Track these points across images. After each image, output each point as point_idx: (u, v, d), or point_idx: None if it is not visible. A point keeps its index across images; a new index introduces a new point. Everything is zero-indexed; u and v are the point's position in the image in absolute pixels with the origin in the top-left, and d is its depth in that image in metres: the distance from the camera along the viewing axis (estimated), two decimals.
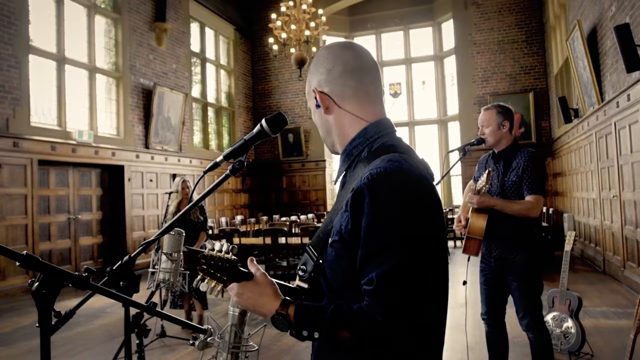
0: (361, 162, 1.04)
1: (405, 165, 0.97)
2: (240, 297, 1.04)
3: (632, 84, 5.28)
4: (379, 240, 0.92)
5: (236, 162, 1.21)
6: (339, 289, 1.02)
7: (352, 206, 0.96)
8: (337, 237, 1.00)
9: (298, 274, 1.10)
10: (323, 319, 0.95)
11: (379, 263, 0.91)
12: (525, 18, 11.30)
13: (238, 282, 1.03)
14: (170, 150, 9.93)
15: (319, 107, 1.13)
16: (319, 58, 1.16)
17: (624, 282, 6.19)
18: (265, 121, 1.17)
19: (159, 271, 1.57)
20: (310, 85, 1.15)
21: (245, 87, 13.33)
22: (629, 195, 5.80)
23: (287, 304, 1.00)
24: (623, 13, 5.63)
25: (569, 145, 9.15)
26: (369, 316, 0.92)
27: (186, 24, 10.82)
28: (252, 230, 9.57)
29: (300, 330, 0.97)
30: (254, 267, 1.07)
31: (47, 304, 0.91)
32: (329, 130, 1.15)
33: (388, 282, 0.90)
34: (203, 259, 0.98)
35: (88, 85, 8.35)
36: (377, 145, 1.06)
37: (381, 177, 0.94)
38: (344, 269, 0.99)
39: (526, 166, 2.82)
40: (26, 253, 0.90)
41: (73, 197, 8.00)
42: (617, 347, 3.99)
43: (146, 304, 1.15)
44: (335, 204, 1.08)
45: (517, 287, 2.88)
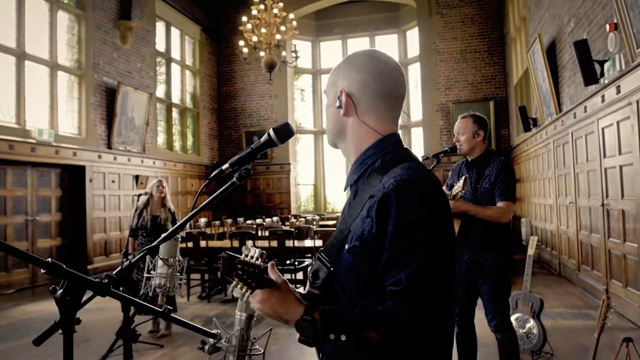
0: (375, 172, 1.10)
1: (425, 174, 1.05)
2: (264, 304, 1.05)
3: (589, 96, 5.56)
4: (405, 242, 0.97)
5: (243, 170, 1.23)
6: (357, 293, 1.06)
7: (377, 212, 1.00)
8: (357, 242, 1.04)
9: (309, 281, 1.14)
10: (350, 321, 0.98)
11: (406, 264, 0.96)
12: (487, 29, 11.69)
13: (262, 288, 1.04)
14: (133, 150, 9.72)
15: (339, 107, 1.17)
16: (359, 64, 1.18)
17: (579, 285, 6.50)
18: (273, 130, 1.21)
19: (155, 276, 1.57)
20: (339, 82, 1.19)
21: (211, 88, 13.20)
22: (585, 202, 6.10)
23: (311, 310, 1.02)
24: (581, 29, 5.93)
25: (527, 152, 9.52)
26: (396, 316, 0.96)
27: (152, 22, 10.63)
28: (217, 232, 9.49)
29: (327, 334, 0.99)
30: (275, 273, 1.09)
31: (71, 311, 0.91)
32: (341, 131, 1.19)
33: (417, 282, 0.95)
34: (239, 264, 0.99)
35: (49, 82, 8.09)
36: (390, 156, 1.11)
37: (406, 184, 1.00)
38: (363, 273, 1.04)
39: (498, 174, 2.95)
40: (52, 260, 0.90)
41: (31, 198, 7.72)
42: (575, 346, 4.19)
43: (161, 310, 1.16)
44: (348, 212, 1.12)
45: (487, 290, 3.00)
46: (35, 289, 7.45)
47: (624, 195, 4.85)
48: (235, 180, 1.23)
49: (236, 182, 1.23)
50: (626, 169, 4.78)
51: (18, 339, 4.82)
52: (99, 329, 4.93)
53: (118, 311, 4.96)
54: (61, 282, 0.95)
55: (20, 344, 4.67)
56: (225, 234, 9.32)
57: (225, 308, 6.07)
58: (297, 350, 4.31)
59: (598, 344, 2.47)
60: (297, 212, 13.16)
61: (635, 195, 4.52)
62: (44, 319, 5.59)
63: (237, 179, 1.22)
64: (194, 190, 12.19)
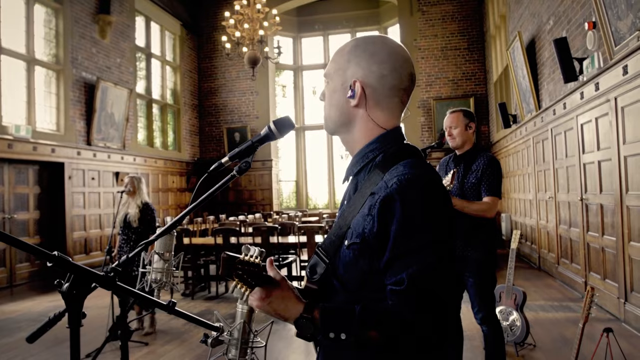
0: (377, 167, 1.08)
1: (427, 171, 1.04)
2: (263, 302, 1.04)
3: (568, 93, 5.67)
4: (409, 242, 0.96)
5: (242, 163, 1.22)
6: (354, 289, 1.05)
7: (379, 211, 0.99)
8: (357, 240, 1.03)
9: (307, 276, 1.13)
10: (351, 320, 0.98)
11: (408, 264, 0.96)
12: (467, 26, 11.82)
13: (262, 286, 1.03)
14: (113, 147, 9.57)
15: (351, 97, 1.12)
16: (376, 53, 1.12)
17: (558, 278, 6.65)
18: (273, 123, 1.20)
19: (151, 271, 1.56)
20: (351, 70, 1.13)
21: (191, 84, 13.07)
22: (564, 197, 6.23)
23: (311, 307, 1.02)
24: (560, 27, 6.04)
25: (507, 149, 9.66)
26: (398, 316, 0.96)
27: (131, 17, 10.47)
28: (199, 229, 9.42)
29: (327, 332, 0.99)
30: (274, 270, 1.08)
31: (77, 305, 0.90)
32: (348, 122, 1.16)
33: (419, 281, 0.95)
34: (240, 264, 0.98)
35: (26, 77, 7.91)
36: (391, 151, 1.10)
37: (410, 183, 0.99)
38: (362, 269, 1.03)
39: (485, 169, 2.99)
40: (57, 254, 0.89)
41: (8, 196, 7.55)
42: (556, 337, 4.29)
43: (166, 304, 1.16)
44: (347, 207, 1.11)
45: (472, 283, 3.05)
46: (14, 289, 7.29)
47: (602, 190, 4.97)
48: (235, 173, 1.21)
49: (236, 175, 1.22)
50: (604, 164, 4.90)
51: None
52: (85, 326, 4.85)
53: (101, 309, 4.88)
54: (67, 276, 0.94)
55: (2, 345, 4.57)
56: (207, 231, 9.27)
57: (210, 305, 6.04)
58: (284, 344, 4.32)
59: (583, 334, 2.53)
60: (279, 209, 13.15)
61: (613, 190, 4.64)
62: (24, 319, 5.49)
63: (237, 172, 1.21)
64: (175, 187, 12.07)
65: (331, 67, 1.18)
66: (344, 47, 1.18)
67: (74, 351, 0.88)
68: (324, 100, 1.22)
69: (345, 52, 1.16)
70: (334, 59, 1.18)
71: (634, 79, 4.10)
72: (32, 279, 7.78)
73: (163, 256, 1.56)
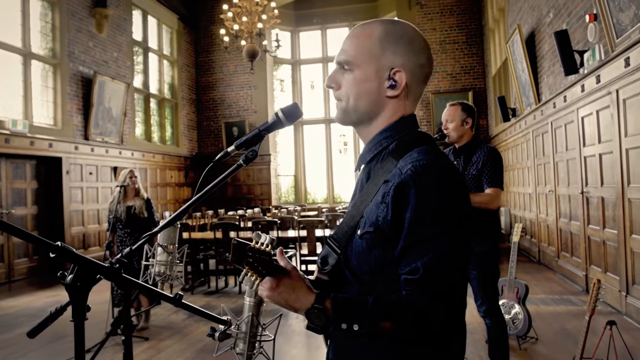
0: (390, 155, 1.05)
1: (443, 158, 1.01)
2: (273, 292, 1.01)
3: (569, 86, 5.65)
4: (425, 230, 0.94)
5: (249, 152, 1.19)
6: (369, 280, 1.03)
7: (394, 198, 0.96)
8: (371, 229, 1.00)
9: (318, 267, 1.10)
10: (364, 311, 0.95)
11: (424, 252, 0.93)
12: (466, 20, 11.77)
13: (272, 275, 1.01)
14: (111, 142, 9.52)
15: (392, 88, 1.07)
16: (413, 41, 1.08)
17: (558, 271, 6.64)
18: (281, 111, 1.16)
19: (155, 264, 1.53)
20: (386, 57, 1.07)
21: (189, 78, 13.00)
22: (564, 190, 6.22)
23: (323, 298, 0.99)
24: (560, 20, 6.00)
25: (506, 142, 9.64)
26: (412, 306, 0.93)
27: (128, 11, 10.38)
28: (198, 224, 9.39)
29: (340, 323, 0.96)
30: (284, 260, 1.05)
31: (82, 297, 0.87)
32: (377, 112, 1.10)
33: (434, 271, 0.93)
34: (250, 252, 0.95)
35: (22, 71, 7.84)
36: (406, 138, 1.07)
37: (425, 170, 0.96)
38: (376, 259, 1.00)
39: (486, 161, 2.97)
40: (61, 244, 0.86)
41: (5, 191, 7.50)
42: (558, 330, 4.29)
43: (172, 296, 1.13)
44: (360, 195, 1.07)
45: (476, 276, 3.04)
46: (12, 284, 7.26)
47: (604, 182, 4.96)
48: (241, 162, 1.18)
49: (243, 164, 1.18)
50: (606, 157, 4.88)
51: None
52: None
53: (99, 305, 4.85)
54: (71, 267, 0.91)
55: (1, 340, 4.55)
56: (206, 226, 9.24)
57: (209, 300, 6.02)
58: (284, 339, 4.30)
59: (589, 326, 2.51)
60: (278, 203, 13.12)
61: (614, 183, 4.62)
62: (22, 314, 5.46)
63: (243, 161, 1.18)
64: (174, 182, 12.03)
65: (356, 53, 1.08)
66: (369, 30, 1.09)
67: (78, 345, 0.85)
68: (333, 88, 1.13)
69: (375, 37, 1.08)
70: (357, 44, 1.09)
71: (637, 71, 4.08)
72: (30, 275, 7.74)
73: (166, 249, 1.53)
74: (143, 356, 4.07)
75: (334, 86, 1.13)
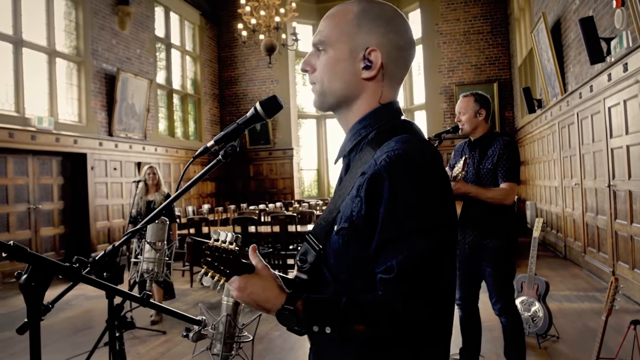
0: (368, 145, 0.99)
1: (422, 147, 0.93)
2: (242, 292, 0.96)
3: (595, 75, 5.44)
4: (399, 226, 0.87)
5: (228, 147, 1.14)
6: (347, 278, 0.97)
7: (367, 191, 0.90)
8: (346, 224, 0.94)
9: (297, 265, 1.04)
10: (336, 312, 0.89)
11: (399, 250, 0.87)
12: (490, 9, 11.48)
13: (239, 275, 0.96)
14: (134, 137, 9.66)
15: (367, 69, 1.00)
16: (389, 19, 1.02)
17: (585, 267, 6.44)
18: (259, 104, 1.11)
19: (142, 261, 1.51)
20: (361, 36, 1.01)
21: (212, 74, 13.08)
22: (590, 183, 6.01)
23: (294, 298, 0.94)
24: (586, 6, 5.78)
25: (532, 134, 9.39)
26: (387, 307, 0.87)
27: (150, 7, 10.49)
28: (220, 219, 9.47)
29: (310, 326, 0.90)
30: (256, 258, 1.00)
31: (36, 297, 0.85)
32: (353, 96, 1.03)
33: (409, 270, 0.86)
34: (207, 250, 0.91)
35: (47, 69, 8.00)
36: (386, 127, 1.00)
37: (400, 160, 0.89)
38: (353, 257, 0.94)
39: (501, 154, 2.86)
40: (13, 243, 0.83)
41: (33, 186, 7.69)
42: (581, 329, 4.14)
43: (140, 296, 1.10)
44: (338, 190, 1.02)
45: (490, 273, 2.94)
46: None
47: (632, 175, 4.76)
48: (220, 158, 1.14)
49: (222, 159, 1.14)
50: (633, 148, 4.68)
51: None
52: (104, 316, 4.91)
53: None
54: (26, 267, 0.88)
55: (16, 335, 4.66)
56: (228, 220, 9.30)
57: None
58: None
59: (606, 327, 2.40)
60: (301, 197, 13.12)
61: None
62: None
63: (222, 156, 1.14)
64: None
65: (330, 33, 1.02)
66: (346, 9, 1.03)
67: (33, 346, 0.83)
68: (308, 71, 1.07)
69: (350, 15, 1.02)
70: (333, 24, 1.03)
71: None
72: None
73: (155, 246, 1.51)
74: (159, 349, 4.11)
75: (308, 69, 1.07)
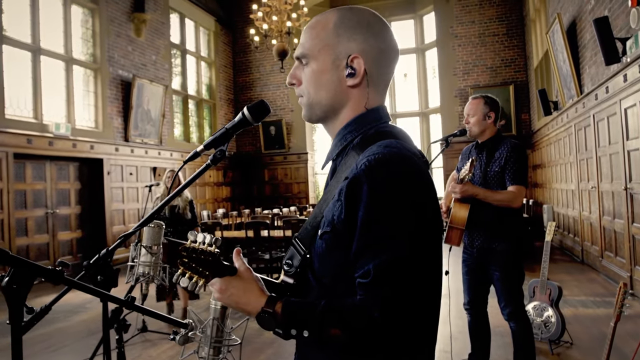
0: (353, 150, 0.99)
1: (404, 152, 0.93)
2: (223, 294, 0.97)
3: (611, 76, 5.34)
4: (377, 230, 0.87)
5: (217, 152, 1.15)
6: (330, 283, 0.96)
7: (347, 195, 0.90)
8: (328, 228, 0.94)
9: (283, 269, 1.04)
10: (313, 315, 0.89)
11: (376, 255, 0.86)
12: (506, 11, 11.37)
13: (221, 277, 0.97)
14: (150, 143, 9.78)
15: (350, 76, 1.01)
16: (371, 25, 1.03)
17: (602, 272, 6.31)
18: (247, 109, 1.12)
19: (138, 265, 1.53)
20: (343, 44, 1.01)
21: (227, 79, 13.19)
22: (607, 187, 5.89)
23: (273, 301, 0.94)
24: (602, 6, 5.69)
25: (548, 137, 9.26)
26: (364, 311, 0.86)
27: (165, 14, 10.63)
28: (234, 223, 9.52)
29: (288, 329, 0.91)
30: (239, 261, 1.01)
31: (18, 300, 0.86)
32: (340, 104, 1.04)
33: (386, 274, 0.85)
34: (184, 251, 0.92)
35: (65, 76, 8.16)
36: (371, 132, 1.00)
37: (380, 164, 0.88)
38: (336, 261, 0.94)
39: (509, 157, 2.83)
40: None
41: (50, 191, 7.83)
42: (596, 335, 4.05)
43: (124, 299, 1.11)
44: (324, 194, 1.02)
45: (499, 277, 2.90)
46: None
47: None
48: (209, 162, 1.15)
49: (211, 164, 1.15)
50: None
51: (36, 330, 4.87)
52: None
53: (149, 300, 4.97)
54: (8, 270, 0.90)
55: (38, 334, 4.74)
56: (242, 224, 9.34)
57: None
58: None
59: (614, 333, 2.35)
60: (315, 202, 13.12)
61: None
62: (62, 310, 5.66)
63: (211, 160, 1.15)
64: (212, 181, 12.24)
65: (312, 45, 1.03)
66: (325, 20, 1.04)
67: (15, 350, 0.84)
68: (294, 85, 1.09)
69: (330, 25, 1.03)
70: (313, 35, 1.04)
71: None
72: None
73: (150, 249, 1.53)
74: (170, 352, 4.15)
75: (295, 82, 1.08)
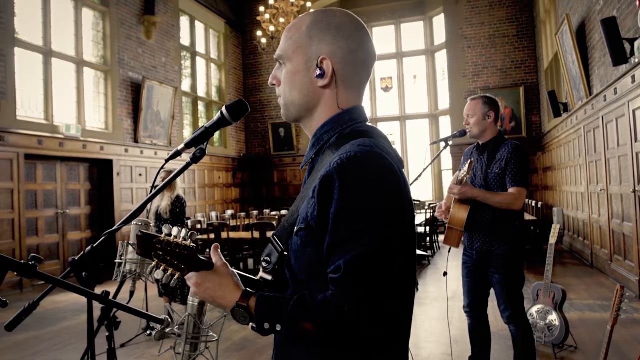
0: (329, 149, 1.01)
1: (377, 150, 0.94)
2: (199, 288, 0.99)
3: (619, 77, 5.28)
4: (348, 226, 0.88)
5: (197, 150, 1.19)
6: (305, 279, 0.98)
7: (320, 192, 0.92)
8: (303, 225, 0.96)
9: (262, 266, 1.06)
10: (285, 310, 0.91)
11: (347, 250, 0.88)
12: (516, 12, 11.29)
13: (197, 271, 0.98)
14: (159, 144, 9.86)
15: (320, 77, 1.03)
16: (341, 26, 1.05)
17: (611, 275, 6.23)
18: (225, 108, 1.15)
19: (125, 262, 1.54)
20: (314, 46, 1.05)
21: (236, 81, 13.26)
22: (616, 189, 5.82)
23: (247, 296, 0.95)
24: (610, 7, 5.63)
25: (558, 139, 9.17)
26: (334, 306, 0.88)
27: (176, 17, 10.72)
28: (243, 224, 9.55)
29: (262, 323, 0.92)
30: (217, 256, 1.03)
31: None
32: (313, 105, 1.07)
33: (356, 269, 0.87)
34: (158, 244, 0.93)
35: (76, 78, 8.26)
36: (347, 131, 1.02)
37: (352, 162, 0.90)
38: (310, 258, 0.96)
39: (509, 158, 2.81)
40: None
41: (61, 192, 7.93)
42: (601, 339, 3.97)
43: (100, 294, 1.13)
44: (301, 192, 1.04)
45: (498, 280, 2.88)
46: None
47: None
48: (190, 161, 1.18)
49: (191, 162, 1.18)
50: None
51: (44, 328, 4.97)
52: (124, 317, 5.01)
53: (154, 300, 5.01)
54: None
55: (45, 332, 4.81)
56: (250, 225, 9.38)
57: None
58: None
59: (611, 338, 2.32)
60: None
61: None
62: (70, 309, 5.73)
63: (191, 159, 1.18)
64: (222, 182, 12.30)
65: (287, 47, 1.08)
66: (300, 23, 1.08)
67: None
68: (275, 85, 1.13)
69: (304, 28, 1.06)
70: (288, 37, 1.09)
71: None
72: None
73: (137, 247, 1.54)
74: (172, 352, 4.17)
75: (275, 83, 1.13)
